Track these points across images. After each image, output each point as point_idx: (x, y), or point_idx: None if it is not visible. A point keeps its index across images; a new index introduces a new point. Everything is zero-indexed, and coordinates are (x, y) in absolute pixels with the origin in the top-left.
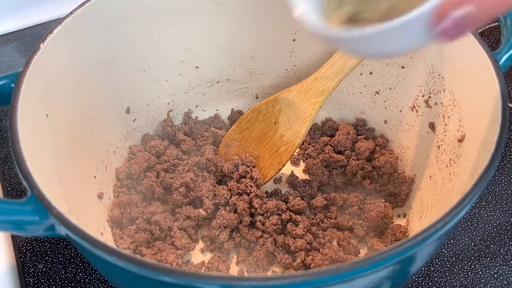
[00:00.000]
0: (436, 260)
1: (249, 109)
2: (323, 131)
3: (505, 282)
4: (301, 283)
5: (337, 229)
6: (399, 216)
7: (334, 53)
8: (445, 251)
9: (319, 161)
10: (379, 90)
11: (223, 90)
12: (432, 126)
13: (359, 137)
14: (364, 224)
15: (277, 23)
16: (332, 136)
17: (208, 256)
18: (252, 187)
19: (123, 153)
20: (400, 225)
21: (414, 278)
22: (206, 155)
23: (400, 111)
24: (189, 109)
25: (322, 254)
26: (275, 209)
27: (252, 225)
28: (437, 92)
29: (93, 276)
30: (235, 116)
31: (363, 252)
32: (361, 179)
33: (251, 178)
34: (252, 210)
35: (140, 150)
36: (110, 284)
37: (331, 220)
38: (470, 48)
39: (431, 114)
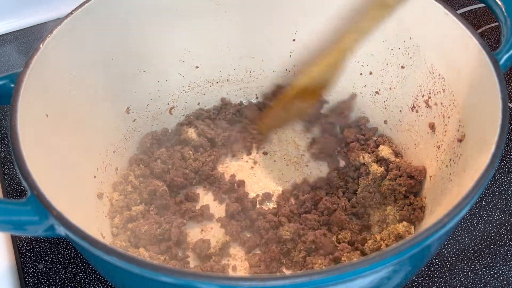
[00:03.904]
0: (436, 260)
1: None
2: None
3: (505, 282)
4: (301, 283)
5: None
6: None
7: None
8: (445, 251)
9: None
10: (379, 90)
11: (223, 90)
12: (432, 126)
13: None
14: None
15: (277, 23)
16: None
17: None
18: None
19: (123, 153)
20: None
21: (414, 278)
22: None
23: (400, 111)
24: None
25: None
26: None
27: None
28: (437, 92)
29: (93, 276)
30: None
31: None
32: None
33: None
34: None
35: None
36: (110, 284)
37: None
38: (470, 48)
39: (431, 114)
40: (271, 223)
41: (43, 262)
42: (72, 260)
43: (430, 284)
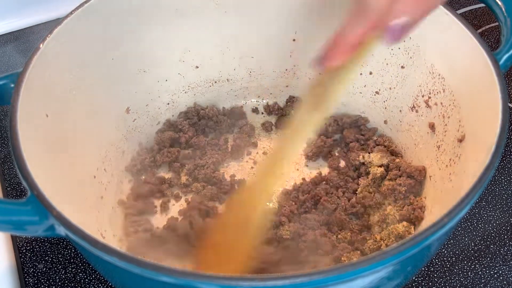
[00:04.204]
0: (436, 260)
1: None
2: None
3: (505, 282)
4: (302, 283)
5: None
6: None
7: None
8: (445, 251)
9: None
10: (379, 90)
11: (223, 90)
12: (432, 126)
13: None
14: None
15: (277, 23)
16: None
17: None
18: None
19: (123, 153)
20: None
21: (414, 278)
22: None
23: (400, 111)
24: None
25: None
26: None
27: None
28: (437, 92)
29: (93, 276)
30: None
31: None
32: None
33: None
34: None
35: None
36: (110, 284)
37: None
38: (470, 48)
39: (431, 114)
40: (271, 223)
41: (43, 262)
42: (72, 260)
43: (430, 284)
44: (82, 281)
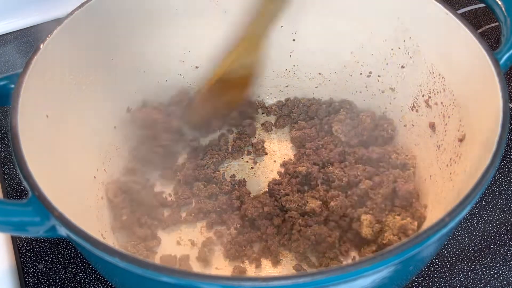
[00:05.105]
0: (436, 260)
1: None
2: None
3: (505, 282)
4: (304, 284)
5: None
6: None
7: None
8: (445, 251)
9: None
10: (379, 89)
11: None
12: (432, 126)
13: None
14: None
15: (277, 23)
16: None
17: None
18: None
19: (123, 154)
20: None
21: (414, 278)
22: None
23: (400, 111)
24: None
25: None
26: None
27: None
28: (437, 92)
29: (93, 276)
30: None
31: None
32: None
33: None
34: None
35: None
36: (110, 284)
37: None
38: (471, 48)
39: (431, 114)
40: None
41: (43, 262)
42: (72, 260)
43: (430, 284)
44: (82, 281)
